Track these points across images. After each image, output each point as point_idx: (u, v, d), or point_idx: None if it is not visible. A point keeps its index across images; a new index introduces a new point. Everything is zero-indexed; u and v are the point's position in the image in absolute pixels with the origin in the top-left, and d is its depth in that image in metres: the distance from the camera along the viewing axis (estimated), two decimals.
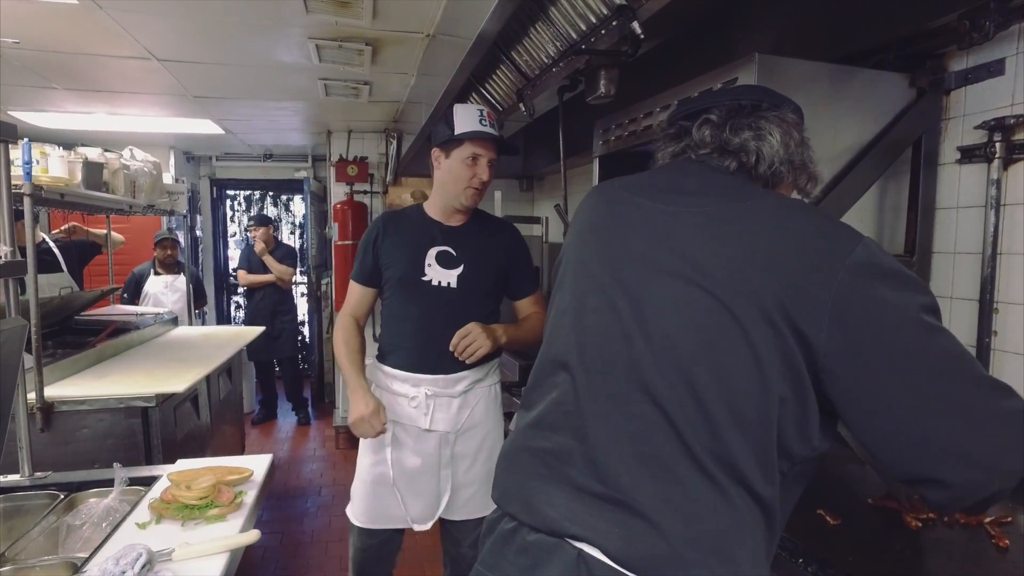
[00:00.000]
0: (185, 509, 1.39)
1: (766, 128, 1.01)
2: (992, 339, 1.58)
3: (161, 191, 3.81)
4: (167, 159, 5.84)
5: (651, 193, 1.03)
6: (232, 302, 7.59)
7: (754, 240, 0.89)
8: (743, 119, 1.02)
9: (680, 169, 1.07)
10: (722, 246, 0.90)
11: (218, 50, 2.96)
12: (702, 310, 0.87)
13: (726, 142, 1.02)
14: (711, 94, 1.13)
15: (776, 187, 1.05)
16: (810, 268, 0.84)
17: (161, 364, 2.99)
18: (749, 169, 1.02)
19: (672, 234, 0.95)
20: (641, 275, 0.95)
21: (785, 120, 1.03)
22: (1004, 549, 1.13)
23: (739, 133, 1.02)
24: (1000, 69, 1.56)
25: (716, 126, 1.03)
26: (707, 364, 0.86)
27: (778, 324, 0.83)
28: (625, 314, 0.93)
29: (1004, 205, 1.56)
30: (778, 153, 1.01)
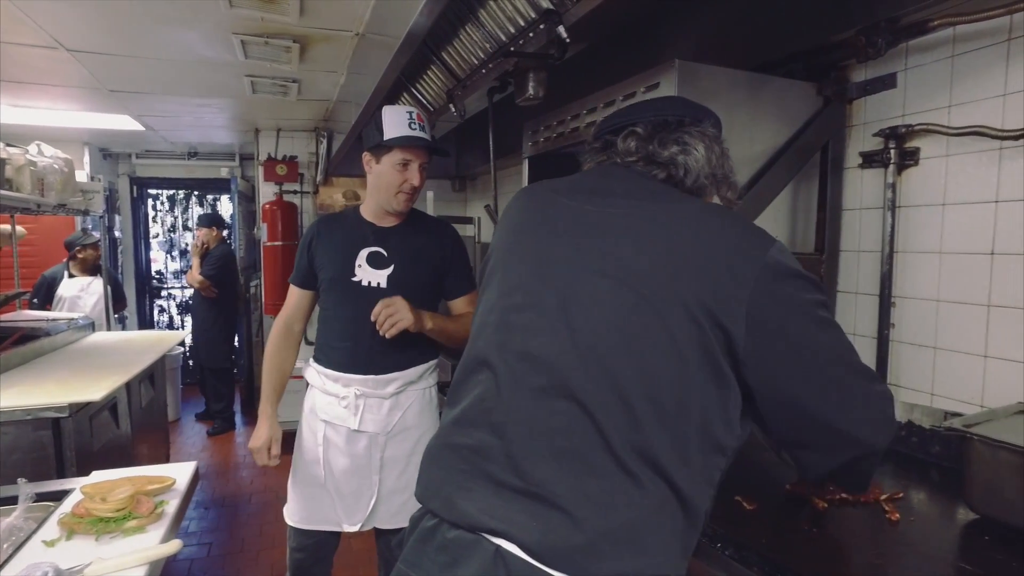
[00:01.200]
0: (99, 523, 1.33)
1: (691, 143, 1.06)
2: (890, 331, 1.70)
3: (74, 189, 3.60)
4: (81, 156, 5.52)
5: (579, 195, 1.06)
6: (155, 306, 7.24)
7: (679, 241, 0.93)
8: (669, 134, 1.07)
9: (607, 173, 1.11)
10: (648, 245, 0.94)
11: (134, 42, 2.82)
12: (627, 307, 0.91)
13: (653, 155, 1.07)
14: (634, 108, 1.17)
15: (699, 197, 1.09)
16: (729, 268, 0.90)
17: (76, 372, 2.83)
18: (677, 181, 1.06)
19: (599, 234, 0.98)
20: (568, 274, 0.97)
21: (706, 134, 1.08)
22: (895, 522, 1.23)
23: (666, 147, 1.06)
24: (892, 82, 1.69)
25: (642, 139, 1.08)
26: (630, 359, 0.89)
27: (700, 320, 0.88)
28: (551, 312, 0.96)
29: (899, 207, 1.68)
30: (703, 168, 1.06)
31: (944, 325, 1.59)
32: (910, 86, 1.66)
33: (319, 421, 1.98)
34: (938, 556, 1.13)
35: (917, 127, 1.61)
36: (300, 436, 2.05)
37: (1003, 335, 1.47)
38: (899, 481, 1.47)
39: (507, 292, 1.04)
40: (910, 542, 1.17)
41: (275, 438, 2.00)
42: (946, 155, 1.58)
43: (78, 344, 3.60)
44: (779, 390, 0.92)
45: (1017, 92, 1.43)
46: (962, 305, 1.55)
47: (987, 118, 1.49)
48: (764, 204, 1.71)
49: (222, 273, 5.38)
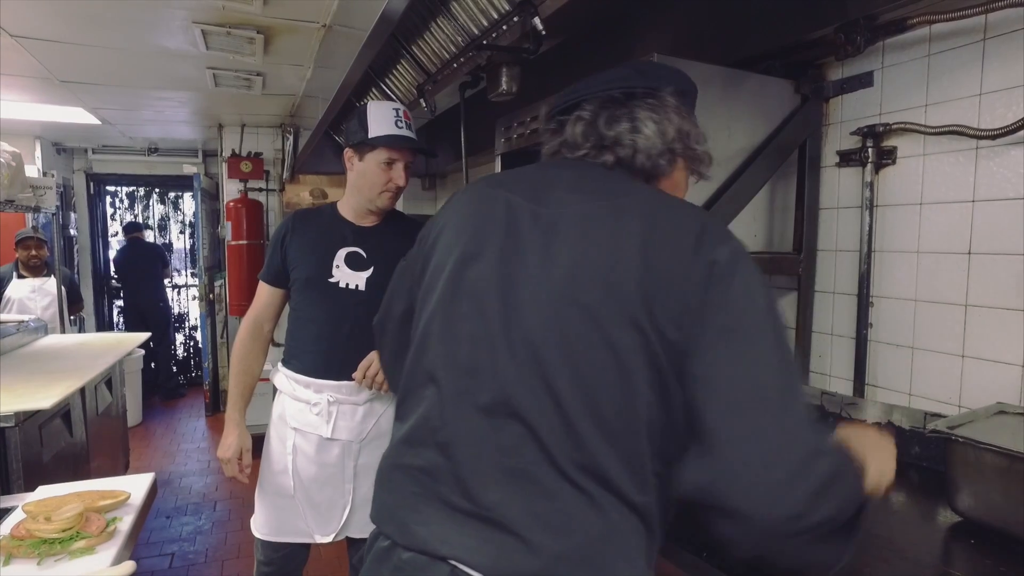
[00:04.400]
0: (43, 544, 1.23)
1: (641, 118, 0.96)
2: (868, 331, 1.69)
3: (23, 185, 3.42)
4: (32, 150, 5.28)
5: (525, 192, 0.97)
6: (114, 306, 7.00)
7: (623, 241, 0.85)
8: (617, 110, 0.97)
9: (556, 167, 1.02)
10: (590, 248, 0.86)
11: (86, 30, 2.68)
12: (566, 318, 0.84)
13: (601, 138, 0.98)
14: (585, 83, 1.05)
15: (658, 179, 1.00)
16: (677, 268, 0.82)
17: (25, 378, 2.67)
18: (628, 164, 0.97)
19: (542, 236, 0.90)
20: (510, 280, 0.90)
21: (663, 105, 0.98)
22: None
23: (613, 126, 0.97)
24: (869, 81, 1.68)
25: (588, 122, 0.99)
26: (570, 374, 0.83)
27: (644, 327, 0.81)
28: (493, 321, 0.89)
29: (877, 206, 1.67)
30: (655, 144, 0.96)
31: (922, 325, 1.59)
32: (887, 85, 1.65)
33: (288, 429, 1.89)
34: (925, 561, 1.12)
35: (894, 126, 1.60)
36: (268, 444, 1.96)
37: (980, 335, 1.47)
38: None
39: (450, 299, 0.95)
40: (895, 547, 1.15)
41: (245, 447, 1.91)
42: (923, 154, 1.58)
43: (28, 348, 3.42)
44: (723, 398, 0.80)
45: (993, 92, 1.43)
46: (940, 305, 1.54)
47: (963, 117, 1.48)
48: (742, 203, 1.69)
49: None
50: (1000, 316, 1.42)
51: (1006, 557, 1.10)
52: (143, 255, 6.42)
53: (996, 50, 1.42)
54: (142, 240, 6.54)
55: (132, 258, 6.37)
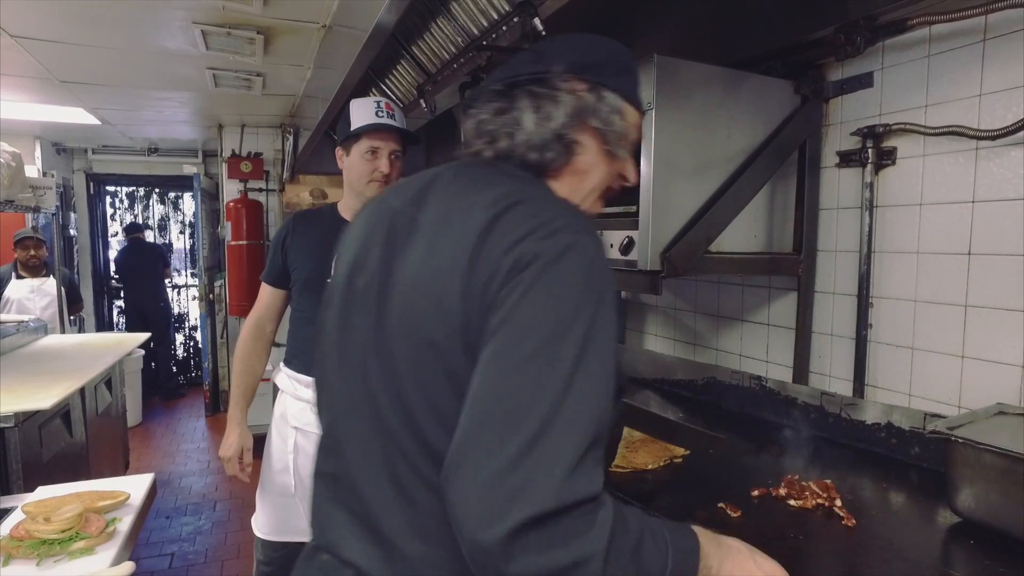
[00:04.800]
0: (42, 545, 1.23)
1: (521, 108, 0.91)
2: (868, 331, 1.69)
3: (23, 185, 3.42)
4: (32, 150, 5.28)
5: (410, 196, 0.93)
6: (115, 307, 6.99)
7: (449, 244, 0.80)
8: (500, 103, 0.93)
9: (447, 168, 0.97)
10: (428, 254, 0.83)
11: (86, 30, 2.68)
12: (411, 325, 0.81)
13: (487, 133, 0.93)
14: (494, 76, 0.98)
15: (555, 171, 0.93)
16: (497, 273, 0.74)
17: (25, 378, 2.67)
18: (509, 157, 0.92)
19: (409, 241, 0.87)
20: (386, 287, 0.87)
21: (552, 90, 0.91)
22: (853, 528, 1.21)
23: (496, 119, 0.93)
24: (869, 81, 1.68)
25: (477, 120, 0.95)
26: (417, 384, 0.80)
27: (470, 337, 0.76)
28: (371, 330, 0.87)
29: (877, 207, 1.67)
30: (536, 135, 0.90)
31: (922, 325, 1.59)
32: (887, 85, 1.65)
33: (290, 428, 1.90)
34: (924, 562, 1.11)
35: (894, 126, 1.60)
36: (269, 444, 1.96)
37: (980, 335, 1.46)
38: (879, 483, 1.46)
39: (346, 310, 0.94)
40: (895, 548, 1.15)
41: (246, 447, 1.92)
42: (923, 155, 1.57)
43: (28, 348, 3.42)
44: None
45: (993, 92, 1.43)
46: (939, 305, 1.54)
47: (963, 118, 1.48)
48: (742, 203, 1.69)
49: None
50: (1000, 316, 1.42)
51: (1006, 558, 1.10)
52: (144, 255, 6.44)
53: (996, 51, 1.42)
54: (143, 240, 6.55)
55: (133, 258, 6.39)
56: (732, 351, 2.17)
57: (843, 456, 1.61)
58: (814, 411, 1.78)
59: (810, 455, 1.59)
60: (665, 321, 2.49)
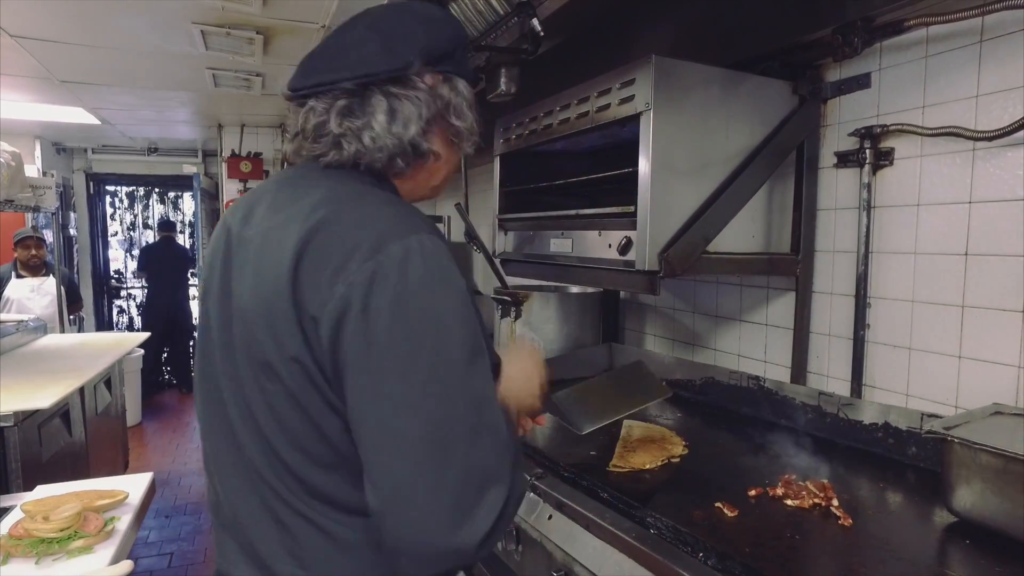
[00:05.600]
0: (41, 544, 1.23)
1: (375, 111, 0.84)
2: (866, 332, 1.70)
3: (22, 184, 3.42)
4: (32, 149, 5.28)
5: (240, 213, 0.90)
6: (114, 306, 6.99)
7: (281, 261, 0.77)
8: (350, 101, 0.84)
9: (276, 177, 0.94)
10: (259, 273, 0.80)
11: (86, 30, 2.69)
12: (252, 353, 0.80)
13: (332, 134, 0.85)
14: (320, 57, 0.90)
15: (400, 177, 0.90)
16: (321, 289, 0.73)
17: (24, 377, 2.68)
18: (356, 162, 0.86)
19: (240, 267, 0.84)
20: (226, 313, 0.85)
21: (409, 90, 0.85)
22: (850, 528, 1.22)
23: (344, 121, 0.84)
24: (867, 82, 1.68)
25: (321, 120, 0.85)
26: (267, 410, 0.80)
27: (304, 361, 0.75)
28: (218, 359, 0.86)
29: (874, 207, 1.67)
30: (389, 142, 0.84)
31: (919, 326, 1.59)
32: (884, 86, 1.65)
33: None
34: (920, 561, 1.12)
35: (892, 127, 1.61)
36: None
37: (977, 336, 1.47)
38: (876, 483, 1.46)
39: (202, 337, 0.93)
40: (891, 547, 1.16)
41: None
42: (920, 155, 1.58)
43: (28, 348, 3.43)
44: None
45: (990, 93, 1.43)
46: (936, 306, 1.55)
47: (960, 119, 1.48)
48: (740, 204, 1.69)
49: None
50: (997, 317, 1.42)
51: (1002, 557, 1.10)
52: (174, 255, 6.38)
53: (993, 52, 1.42)
54: (173, 239, 6.49)
55: (164, 256, 6.30)
56: (730, 351, 2.18)
57: (840, 456, 1.62)
58: (812, 411, 1.79)
59: (808, 455, 1.59)
60: (663, 321, 2.50)
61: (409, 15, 0.91)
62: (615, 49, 2.23)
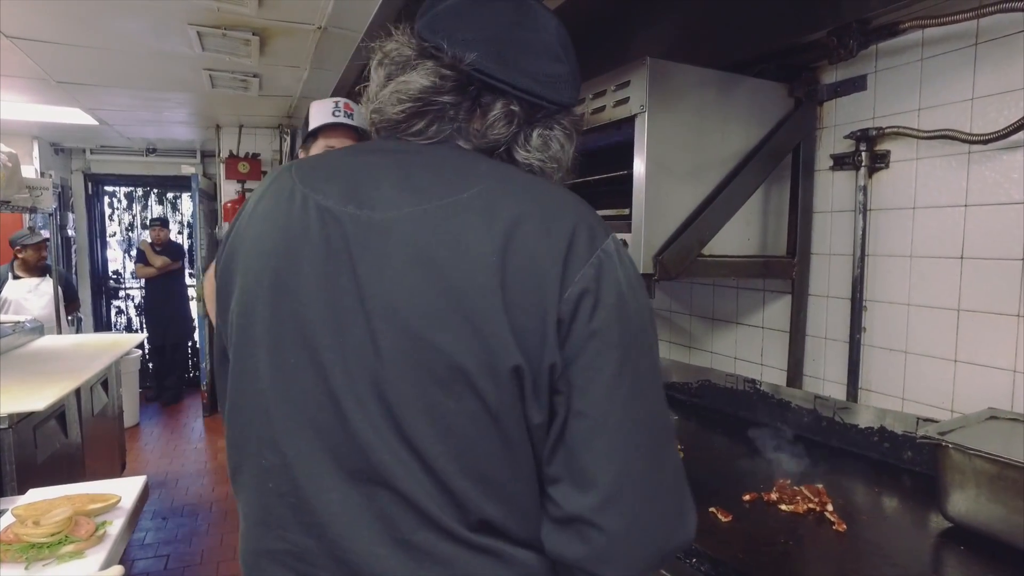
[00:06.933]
0: (31, 549, 1.23)
1: (552, 136, 0.82)
2: (862, 335, 1.69)
3: (20, 185, 3.42)
4: (30, 150, 5.28)
5: (341, 191, 0.75)
6: (112, 307, 6.99)
7: (472, 254, 0.67)
8: (527, 111, 0.79)
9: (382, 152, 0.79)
10: (432, 268, 0.68)
11: (82, 31, 2.68)
12: (419, 363, 0.67)
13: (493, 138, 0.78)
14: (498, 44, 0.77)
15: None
16: (546, 283, 0.67)
17: (20, 379, 2.67)
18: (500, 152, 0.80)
19: (372, 254, 0.71)
20: (342, 315, 0.71)
21: (573, 121, 0.84)
22: (843, 533, 1.21)
23: (501, 124, 0.78)
24: (863, 84, 1.67)
25: (508, 119, 0.78)
26: (435, 433, 0.68)
27: (520, 369, 0.67)
28: (333, 371, 0.71)
29: (870, 210, 1.67)
30: (553, 166, 0.82)
31: (915, 329, 1.58)
32: (880, 88, 1.64)
33: None
34: (914, 567, 1.11)
35: (887, 130, 1.60)
36: None
37: (972, 340, 1.46)
38: (871, 487, 1.45)
39: (273, 346, 0.74)
40: (886, 552, 1.15)
41: None
42: (916, 158, 1.57)
43: (24, 349, 3.42)
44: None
45: (985, 96, 1.43)
46: (932, 309, 1.54)
47: (956, 122, 1.48)
48: (736, 206, 1.68)
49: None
50: (992, 321, 1.42)
51: (996, 563, 1.10)
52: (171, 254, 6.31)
53: (988, 54, 1.41)
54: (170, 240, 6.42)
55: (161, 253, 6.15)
56: (727, 354, 2.17)
57: (836, 460, 1.61)
58: (807, 415, 1.78)
59: (803, 459, 1.59)
60: (661, 323, 2.49)
61: (569, 42, 0.85)
62: (611, 50, 2.23)
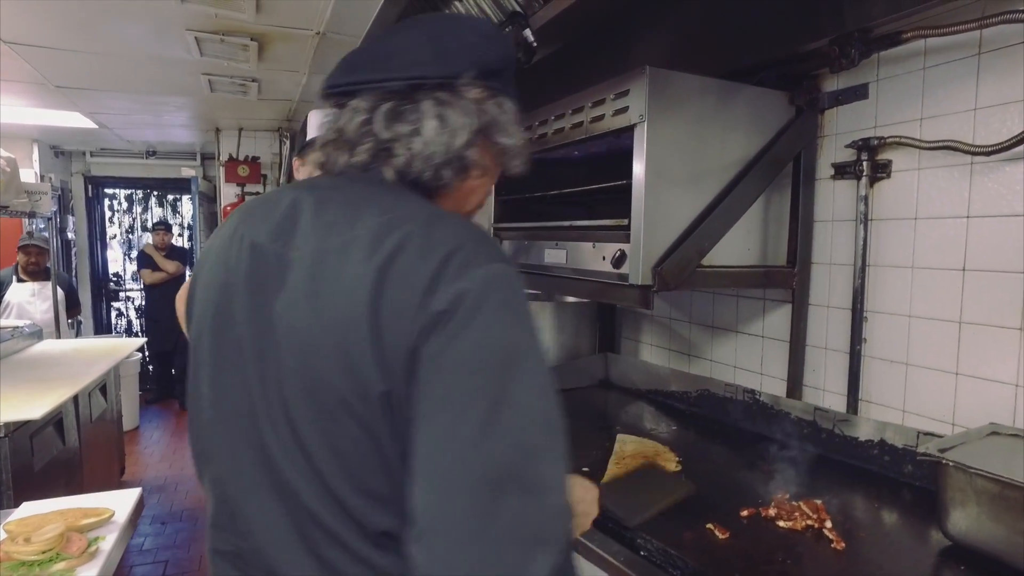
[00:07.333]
0: (22, 567, 1.21)
1: (427, 115, 0.79)
2: (863, 346, 1.67)
3: (18, 190, 3.41)
4: (30, 153, 5.27)
5: (268, 228, 0.80)
6: (113, 309, 6.99)
7: (352, 289, 0.69)
8: (400, 104, 0.79)
9: (309, 188, 0.83)
10: (321, 301, 0.71)
11: (80, 36, 2.67)
12: (313, 391, 0.71)
13: (378, 140, 0.80)
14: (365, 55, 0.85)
15: (441, 192, 0.84)
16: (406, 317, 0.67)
17: (17, 386, 2.66)
18: (403, 175, 0.80)
19: (285, 289, 0.75)
20: (262, 344, 0.76)
21: (459, 99, 0.81)
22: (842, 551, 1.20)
23: (392, 125, 0.79)
24: (865, 93, 1.66)
25: (365, 119, 0.80)
26: (330, 454, 0.71)
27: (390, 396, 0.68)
28: (255, 395, 0.76)
29: (871, 220, 1.65)
30: (437, 152, 0.80)
31: (916, 341, 1.57)
32: (882, 97, 1.63)
33: None
34: None
35: (889, 139, 1.58)
36: None
37: (974, 353, 1.44)
38: (871, 502, 1.44)
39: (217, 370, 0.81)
40: (885, 571, 1.14)
41: None
42: (918, 168, 1.55)
43: (23, 354, 3.42)
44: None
45: (988, 107, 1.41)
46: (934, 321, 1.52)
47: (958, 132, 1.46)
48: (736, 215, 1.67)
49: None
50: (994, 334, 1.40)
51: None
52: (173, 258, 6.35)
53: (991, 65, 1.40)
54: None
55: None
56: (727, 363, 2.15)
57: (836, 473, 1.59)
58: (807, 426, 1.76)
59: (803, 472, 1.57)
60: (660, 331, 2.48)
61: (464, 26, 0.88)
62: (612, 58, 2.21)
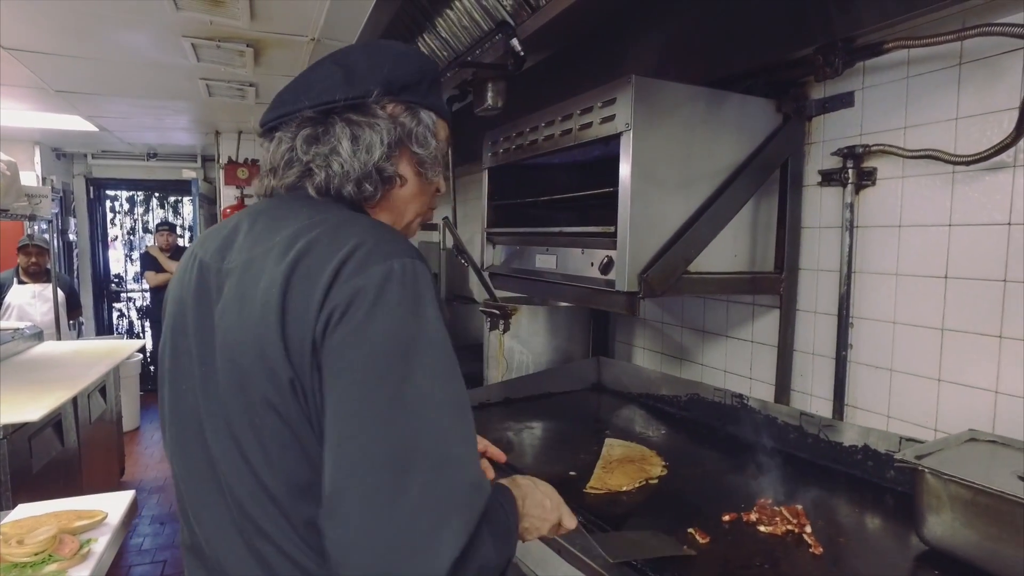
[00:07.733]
0: (14, 568, 1.24)
1: (337, 137, 0.86)
2: (848, 352, 1.69)
3: (18, 194, 3.45)
4: (31, 155, 5.31)
5: (215, 246, 0.89)
6: (114, 310, 7.03)
7: (267, 291, 0.75)
8: (314, 129, 0.87)
9: (252, 208, 0.92)
10: (244, 305, 0.77)
11: (80, 43, 2.70)
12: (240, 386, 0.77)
13: (301, 163, 0.88)
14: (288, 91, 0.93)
15: (371, 204, 0.91)
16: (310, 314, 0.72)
17: (17, 388, 2.69)
18: (327, 191, 0.88)
19: (219, 301, 0.82)
20: (205, 351, 0.83)
21: (370, 117, 0.88)
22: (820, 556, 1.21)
23: (310, 148, 0.87)
24: (851, 101, 1.67)
25: (288, 147, 0.88)
26: (259, 449, 0.76)
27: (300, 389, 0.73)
28: (199, 397, 0.83)
29: (857, 227, 1.67)
30: (353, 168, 0.86)
31: (900, 347, 1.58)
32: (868, 105, 1.64)
33: None
34: None
35: (874, 147, 1.60)
36: None
37: (955, 360, 1.46)
38: (853, 507, 1.45)
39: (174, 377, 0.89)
40: None
41: None
42: (902, 176, 1.57)
43: (24, 356, 3.45)
44: None
45: (968, 116, 1.42)
46: (917, 328, 1.54)
47: (940, 141, 1.47)
48: (724, 221, 1.68)
49: None
50: (974, 341, 1.42)
51: None
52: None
53: (972, 75, 1.41)
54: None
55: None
56: (717, 367, 2.17)
57: (820, 478, 1.61)
58: (793, 431, 1.78)
59: (787, 477, 1.59)
60: (653, 335, 2.49)
61: (375, 50, 0.95)
62: (600, 65, 2.23)
